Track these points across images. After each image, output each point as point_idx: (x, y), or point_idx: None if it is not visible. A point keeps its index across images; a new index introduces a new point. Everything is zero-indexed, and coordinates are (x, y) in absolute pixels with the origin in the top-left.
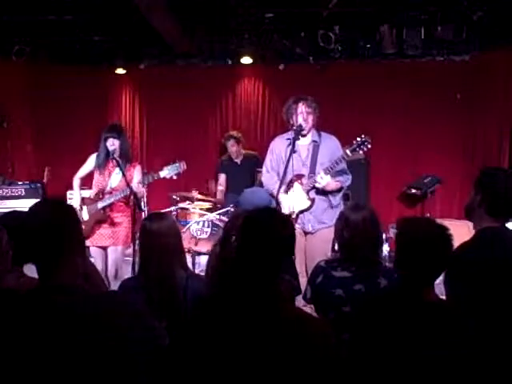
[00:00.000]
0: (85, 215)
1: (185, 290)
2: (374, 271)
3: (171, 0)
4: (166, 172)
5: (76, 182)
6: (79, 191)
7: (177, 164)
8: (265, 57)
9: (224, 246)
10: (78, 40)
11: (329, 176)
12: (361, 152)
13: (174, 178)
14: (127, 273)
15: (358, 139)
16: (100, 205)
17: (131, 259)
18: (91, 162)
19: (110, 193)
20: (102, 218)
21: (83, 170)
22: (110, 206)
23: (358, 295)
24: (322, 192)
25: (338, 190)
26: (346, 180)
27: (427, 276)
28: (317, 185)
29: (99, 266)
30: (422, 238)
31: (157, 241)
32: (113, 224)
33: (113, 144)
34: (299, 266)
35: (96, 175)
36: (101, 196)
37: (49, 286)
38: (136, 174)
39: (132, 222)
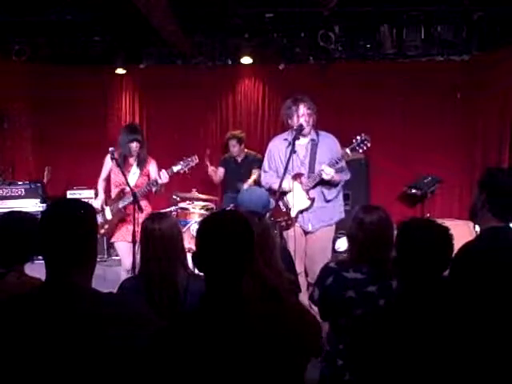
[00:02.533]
0: (108, 215)
1: (185, 290)
2: (385, 273)
3: (171, 0)
4: (179, 167)
5: (101, 184)
6: (103, 193)
7: (189, 159)
8: (265, 57)
9: None
10: (78, 40)
11: (333, 169)
12: (360, 151)
13: (187, 171)
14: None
15: (358, 138)
16: (121, 204)
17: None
18: (108, 161)
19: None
20: (124, 217)
21: (104, 172)
22: (126, 206)
23: (370, 297)
24: (317, 185)
25: (335, 185)
26: (346, 176)
27: (428, 275)
28: (324, 176)
29: (127, 261)
30: (423, 239)
31: (158, 241)
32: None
33: (136, 147)
34: (299, 266)
35: (113, 175)
36: (121, 195)
37: (60, 283)
38: (152, 169)
39: (133, 223)
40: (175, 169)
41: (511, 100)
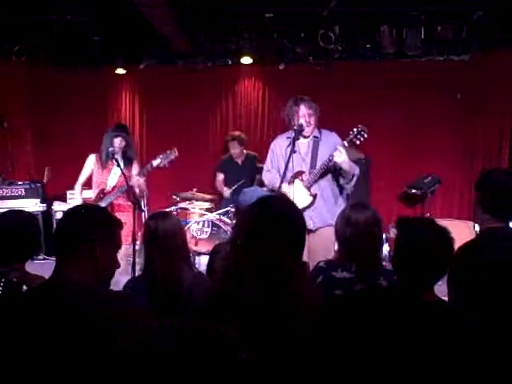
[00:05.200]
0: None
1: (190, 288)
2: (374, 272)
3: (171, 0)
4: (159, 161)
5: (78, 188)
6: (81, 197)
7: (168, 152)
8: (265, 57)
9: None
10: (78, 40)
11: (345, 153)
12: (358, 142)
13: (167, 166)
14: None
15: (354, 130)
16: (103, 204)
17: (131, 259)
18: (90, 163)
19: (110, 192)
20: None
21: (84, 174)
22: (113, 205)
23: None
24: (331, 187)
25: (350, 180)
26: (356, 168)
27: (426, 277)
28: (335, 158)
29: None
30: (422, 239)
31: (161, 240)
32: None
33: (120, 143)
34: None
35: (96, 175)
36: (101, 196)
37: (58, 281)
38: (134, 170)
39: (133, 222)
40: (155, 163)
41: (511, 100)
